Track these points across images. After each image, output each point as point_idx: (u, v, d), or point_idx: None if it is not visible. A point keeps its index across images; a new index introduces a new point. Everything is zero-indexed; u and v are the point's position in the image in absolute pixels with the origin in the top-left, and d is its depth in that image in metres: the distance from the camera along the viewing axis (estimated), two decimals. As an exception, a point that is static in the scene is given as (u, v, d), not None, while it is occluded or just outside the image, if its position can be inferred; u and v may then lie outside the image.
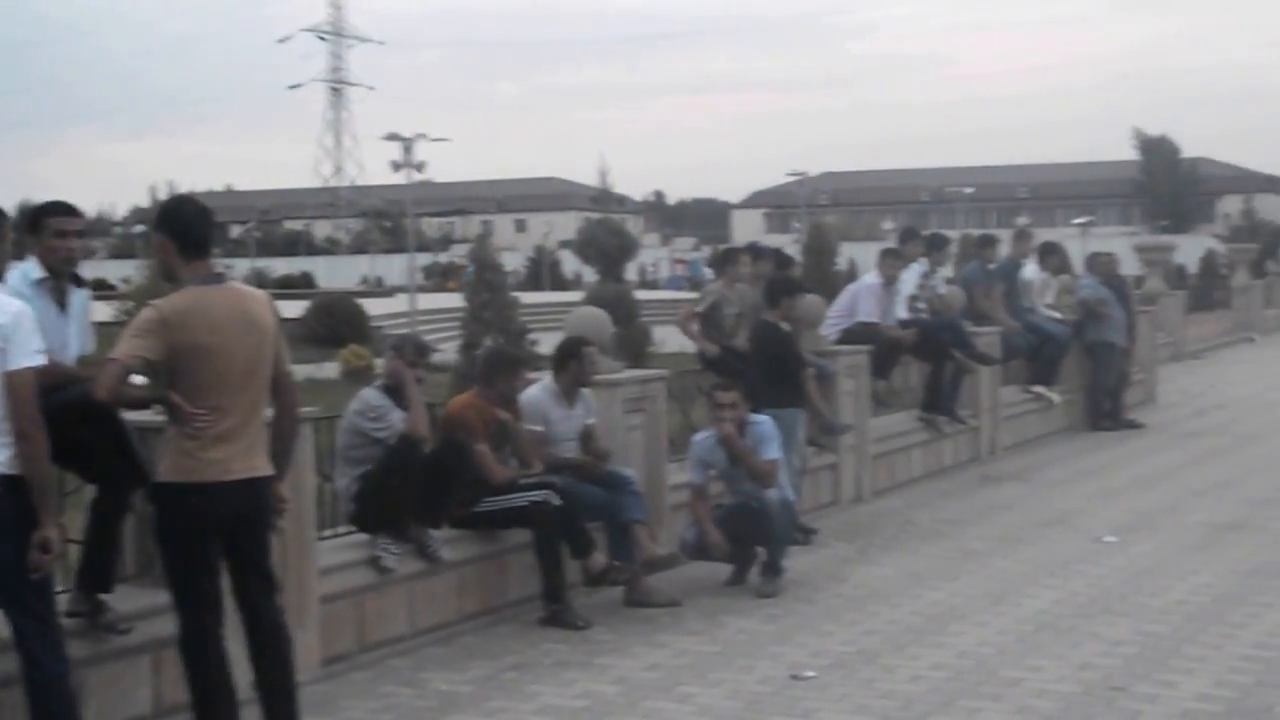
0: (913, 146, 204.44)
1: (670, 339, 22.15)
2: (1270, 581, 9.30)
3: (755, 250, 12.50)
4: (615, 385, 9.84)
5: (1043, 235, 35.75)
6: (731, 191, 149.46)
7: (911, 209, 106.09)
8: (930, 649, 7.89)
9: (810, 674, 7.43)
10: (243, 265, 67.69)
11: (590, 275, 39.87)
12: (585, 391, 9.36)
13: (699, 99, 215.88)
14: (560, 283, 60.77)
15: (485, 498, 8.52)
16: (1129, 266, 34.51)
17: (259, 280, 58.34)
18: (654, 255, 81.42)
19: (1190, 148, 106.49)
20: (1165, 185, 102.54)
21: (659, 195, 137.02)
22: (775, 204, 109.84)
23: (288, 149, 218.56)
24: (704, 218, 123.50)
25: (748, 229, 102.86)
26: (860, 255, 41.95)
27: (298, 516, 7.04)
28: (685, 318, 11.72)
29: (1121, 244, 48.24)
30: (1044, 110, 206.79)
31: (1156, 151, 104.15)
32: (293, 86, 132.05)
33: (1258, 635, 8.01)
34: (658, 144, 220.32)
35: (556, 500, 8.53)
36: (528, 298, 30.23)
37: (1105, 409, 17.43)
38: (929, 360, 14.13)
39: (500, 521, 8.61)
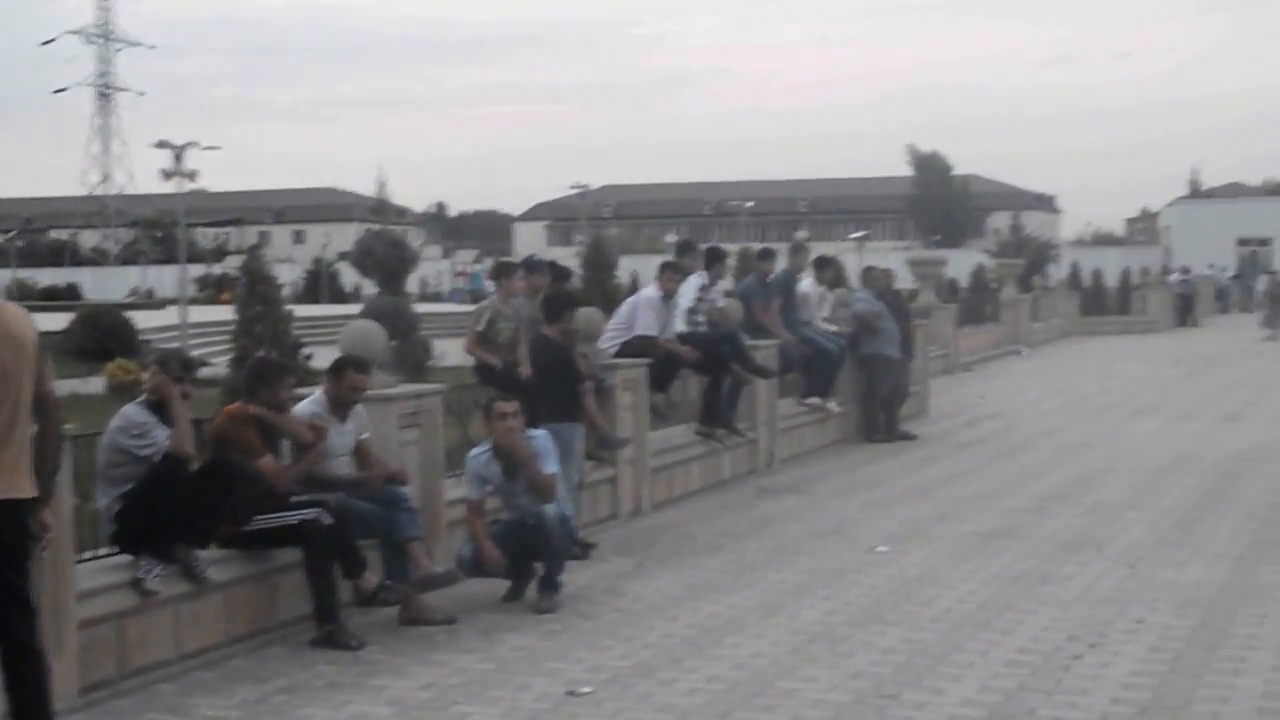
0: (696, 160, 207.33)
1: (451, 353, 21.95)
2: (1034, 588, 9.56)
3: (529, 264, 12.43)
4: (389, 400, 9.68)
5: (821, 249, 36.40)
6: (514, 204, 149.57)
7: (694, 222, 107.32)
8: (707, 661, 7.91)
9: (587, 690, 7.39)
10: (3, 276, 65.31)
11: (370, 288, 39.40)
12: (359, 407, 9.19)
13: (482, 110, 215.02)
14: (339, 295, 59.99)
15: (255, 516, 8.30)
16: (903, 280, 35.43)
17: (21, 291, 56.40)
18: (435, 268, 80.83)
19: (962, 165, 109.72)
20: (938, 201, 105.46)
21: (440, 207, 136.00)
22: (558, 216, 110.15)
23: (53, 156, 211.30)
24: (486, 230, 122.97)
25: (530, 241, 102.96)
26: (642, 268, 42.19)
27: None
28: (470, 345, 11.47)
29: (896, 258, 49.49)
30: (823, 126, 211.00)
31: (929, 168, 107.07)
32: (58, 91, 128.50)
33: (1021, 641, 8.21)
34: (439, 155, 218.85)
35: (327, 519, 8.34)
36: (304, 310, 29.75)
37: (880, 421, 17.80)
38: (707, 373, 14.23)
39: (270, 540, 8.39)
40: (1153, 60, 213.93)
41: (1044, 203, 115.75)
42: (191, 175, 44.28)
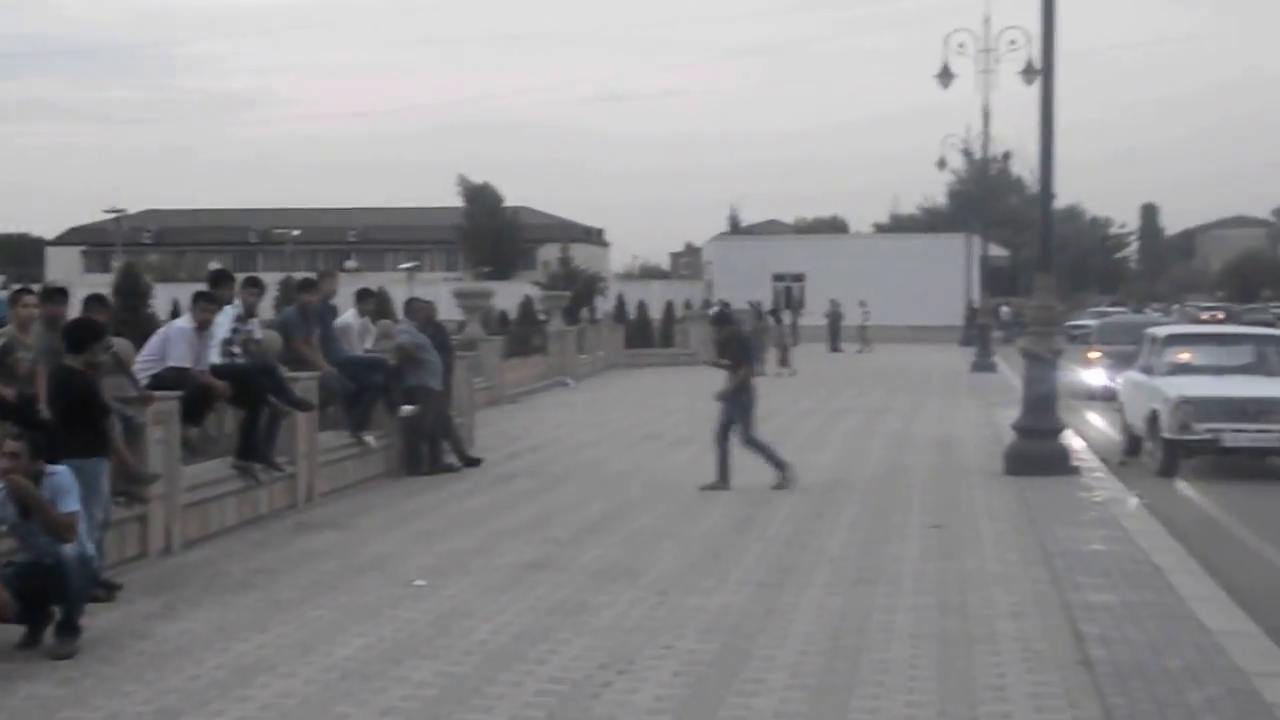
0: (243, 186, 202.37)
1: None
2: (568, 619, 9.71)
3: (46, 291, 11.74)
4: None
5: (372, 279, 36.04)
6: (47, 227, 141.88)
7: (239, 250, 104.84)
8: (234, 703, 7.67)
9: (102, 741, 7.02)
10: None
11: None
12: None
13: (14, 127, 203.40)
14: None
15: None
16: (451, 312, 35.54)
17: None
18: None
19: (513, 197, 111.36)
20: (488, 233, 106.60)
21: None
22: (95, 242, 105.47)
23: None
24: (15, 254, 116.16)
25: (65, 267, 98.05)
26: (184, 297, 40.82)
27: None
28: None
29: (445, 289, 49.67)
30: (375, 153, 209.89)
31: (480, 200, 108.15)
32: None
33: (553, 670, 8.32)
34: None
35: None
36: None
37: (423, 453, 17.75)
38: (244, 406, 13.84)
39: None
40: (696, 99, 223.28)
41: (593, 236, 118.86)
42: None
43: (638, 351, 46.37)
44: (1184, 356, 20.35)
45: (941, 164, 59.78)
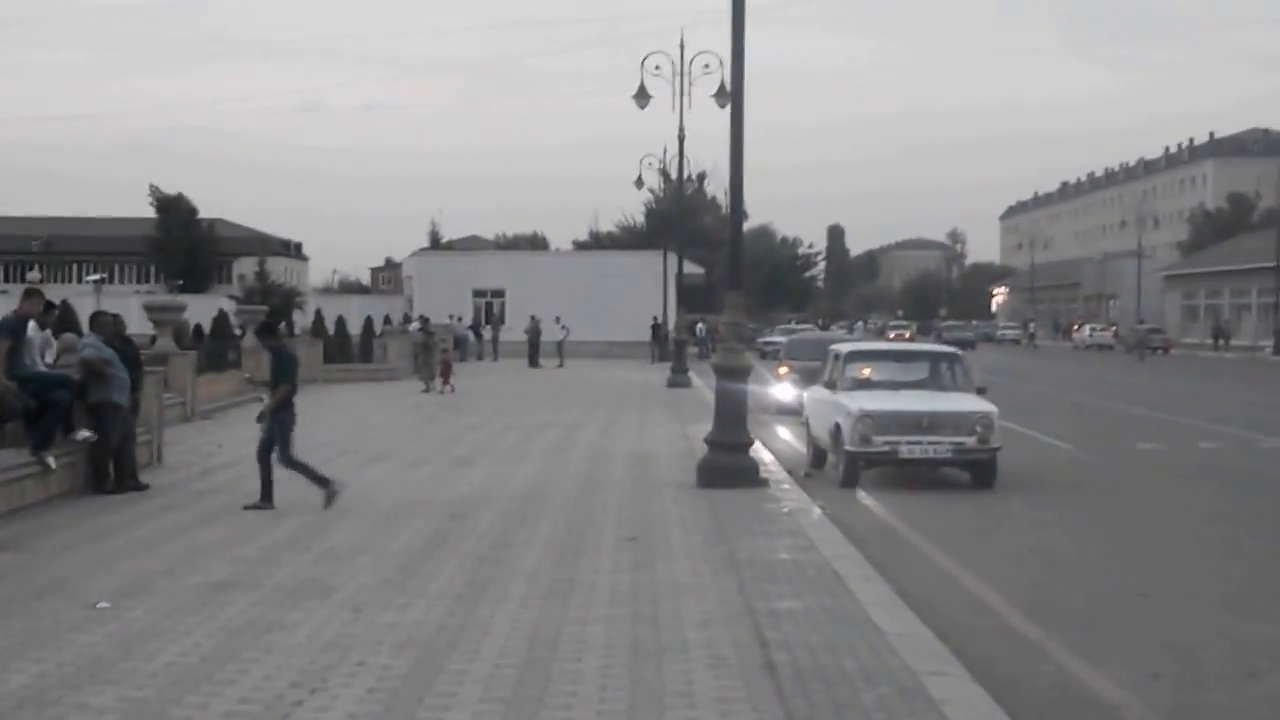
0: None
1: None
2: (259, 638, 9.57)
3: None
4: None
5: (58, 292, 34.71)
6: None
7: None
8: (-100, 738, 7.33)
9: None
10: None
11: None
12: None
13: None
14: None
15: None
16: (142, 326, 34.54)
17: None
18: None
19: (209, 209, 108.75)
20: (181, 245, 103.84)
21: None
22: None
23: None
24: None
25: None
26: None
27: None
28: None
29: (136, 302, 48.15)
30: (61, 162, 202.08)
31: (174, 210, 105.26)
32: None
33: (242, 691, 8.19)
34: None
35: None
36: None
37: (109, 471, 17.20)
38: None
39: None
40: (397, 113, 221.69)
41: (291, 249, 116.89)
42: None
43: (337, 367, 45.82)
44: (864, 372, 21.21)
45: (639, 183, 60.95)
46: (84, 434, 16.73)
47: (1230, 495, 19.30)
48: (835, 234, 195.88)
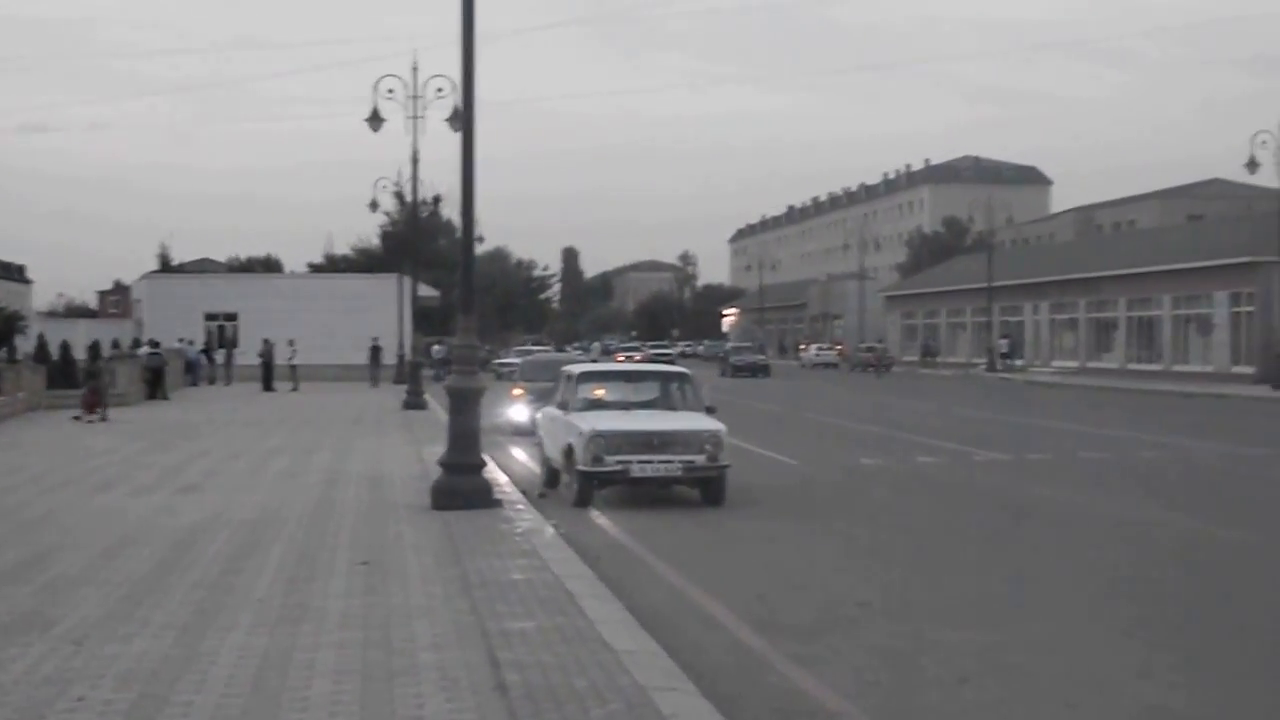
0: None
1: None
2: (-26, 674, 9.26)
3: None
4: None
5: None
6: None
7: None
8: None
9: None
10: None
11: None
12: None
13: None
14: None
15: None
16: None
17: None
18: None
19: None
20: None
21: None
22: None
23: None
24: None
25: None
26: None
27: None
28: None
29: None
30: None
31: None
32: None
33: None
34: None
35: None
36: None
37: None
38: None
39: None
40: (124, 134, 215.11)
41: (14, 273, 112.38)
42: None
43: (62, 393, 44.15)
44: (596, 393, 21.49)
45: (374, 206, 60.28)
46: None
47: (948, 507, 20.14)
48: (570, 256, 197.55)
